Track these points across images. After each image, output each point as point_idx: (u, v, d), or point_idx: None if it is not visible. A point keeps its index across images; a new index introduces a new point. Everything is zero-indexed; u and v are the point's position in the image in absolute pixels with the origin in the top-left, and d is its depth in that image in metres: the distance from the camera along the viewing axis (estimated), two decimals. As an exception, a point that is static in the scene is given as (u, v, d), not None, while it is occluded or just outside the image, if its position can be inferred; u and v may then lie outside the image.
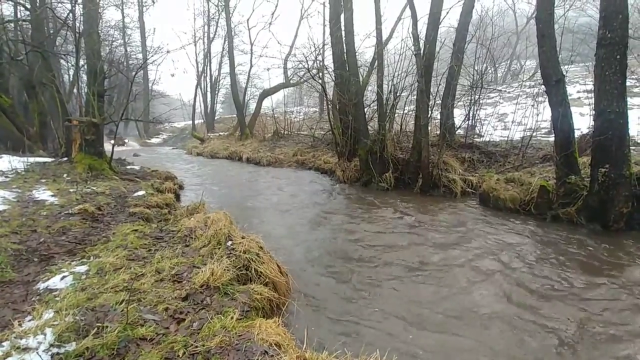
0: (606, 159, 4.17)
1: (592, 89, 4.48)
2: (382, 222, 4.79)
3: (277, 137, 14.40)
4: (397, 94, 8.38)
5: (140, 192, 5.17)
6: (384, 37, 9.42)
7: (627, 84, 4.57)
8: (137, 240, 3.06)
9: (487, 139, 8.24)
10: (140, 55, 22.20)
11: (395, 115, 9.14)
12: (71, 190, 4.84)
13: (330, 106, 10.27)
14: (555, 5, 5.29)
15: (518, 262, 3.41)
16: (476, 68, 9.06)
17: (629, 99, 6.11)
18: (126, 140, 15.60)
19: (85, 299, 2.03)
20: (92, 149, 6.90)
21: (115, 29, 19.30)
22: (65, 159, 7.31)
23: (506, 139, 7.90)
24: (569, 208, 4.46)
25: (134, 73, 9.01)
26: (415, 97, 7.36)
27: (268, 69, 18.91)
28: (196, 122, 23.51)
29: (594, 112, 4.43)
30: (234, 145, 15.04)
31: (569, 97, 5.29)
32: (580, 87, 11.43)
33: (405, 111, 8.95)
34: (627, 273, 3.10)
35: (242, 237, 2.81)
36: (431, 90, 7.59)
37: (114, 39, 17.36)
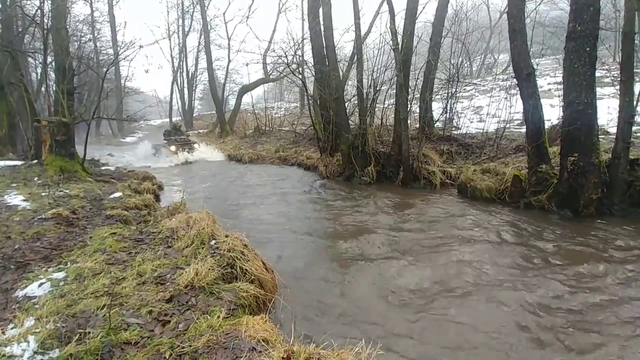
0: (575, 148, 4.40)
1: (562, 81, 4.70)
2: (365, 215, 4.87)
3: (259, 134, 14.25)
4: (377, 88, 8.47)
5: (117, 194, 5.00)
6: (363, 32, 9.51)
7: (598, 74, 4.81)
8: (116, 243, 2.98)
9: (464, 131, 8.50)
10: (110, 51, 21.23)
11: (376, 109, 9.24)
12: (43, 194, 4.63)
13: (311, 101, 10.25)
14: (526, 0, 5.49)
15: (489, 245, 3.62)
16: (452, 62, 9.28)
17: (599, 89, 6.45)
18: (196, 146, 12.56)
19: (65, 306, 1.97)
20: (63, 150, 6.59)
21: (84, 24, 18.34)
22: (36, 161, 6.95)
23: (482, 131, 8.18)
24: (540, 196, 4.69)
25: (105, 69, 8.65)
26: (394, 91, 7.47)
27: (247, 64, 18.63)
28: (174, 119, 22.84)
29: (563, 104, 4.66)
30: (214, 142, 14.77)
31: (540, 89, 5.53)
32: (550, 79, 11.94)
33: (386, 105, 9.07)
34: (588, 255, 3.32)
35: (226, 236, 2.79)
36: (410, 84, 7.72)
37: (82, 34, 16.50)
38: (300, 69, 10.77)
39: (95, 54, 19.57)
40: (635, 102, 4.61)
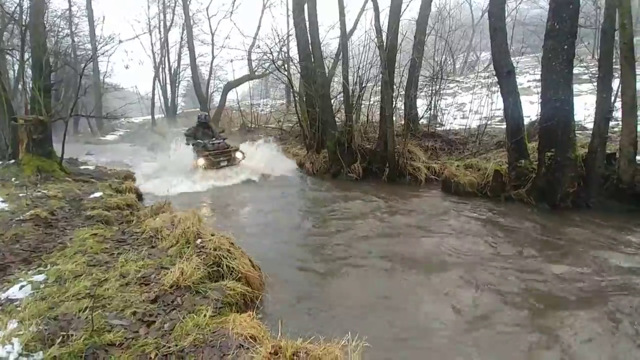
0: (552, 144, 4.56)
1: (540, 78, 4.85)
2: (351, 211, 4.91)
3: (245, 131, 14.09)
4: (363, 85, 8.52)
5: (97, 194, 4.87)
6: (348, 29, 9.52)
7: (576, 71, 4.97)
8: (97, 244, 2.91)
9: (448, 128, 8.66)
10: (89, 46, 20.47)
11: (362, 106, 9.29)
12: (21, 194, 4.46)
13: (297, 98, 10.22)
14: (507, -1, 5.63)
15: (469, 236, 3.83)
16: (436, 60, 9.43)
17: (577, 85, 6.63)
18: (239, 155, 7.75)
19: (47, 308, 1.94)
20: (41, 150, 6.36)
21: (62, 19, 17.60)
22: (13, 161, 6.68)
23: (464, 127, 8.35)
24: (520, 190, 4.85)
25: (82, 65, 8.36)
26: (380, 88, 7.53)
27: (231, 61, 18.29)
28: (156, 116, 22.25)
29: (541, 101, 4.82)
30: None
31: (520, 87, 5.69)
32: (530, 76, 12.29)
33: (371, 102, 9.14)
34: (561, 243, 3.53)
35: (212, 235, 2.77)
36: (395, 81, 7.80)
37: (60, 29, 15.84)
38: (286, 65, 10.71)
39: (73, 50, 18.84)
40: (612, 98, 4.79)
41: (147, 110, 24.07)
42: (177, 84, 22.33)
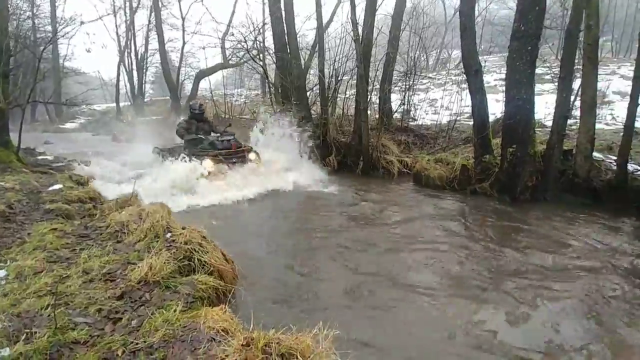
0: (514, 140, 4.84)
1: (505, 77, 5.10)
2: (324, 204, 4.97)
3: (218, 122, 13.70)
4: (339, 78, 8.54)
5: (57, 186, 4.57)
6: (325, 21, 9.45)
7: (539, 71, 5.24)
8: (58, 239, 2.76)
9: (420, 123, 8.91)
10: (49, 28, 18.88)
11: (338, 99, 9.32)
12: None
13: (272, 89, 10.06)
14: (477, -1, 5.84)
15: (432, 223, 4.14)
16: (410, 55, 9.61)
17: (539, 85, 6.98)
18: (252, 156, 6.07)
19: (9, 305, 1.86)
20: (-4, 139, 5.85)
21: (24, 1, 16.07)
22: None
23: (436, 122, 8.63)
24: (484, 183, 5.13)
25: (42, 48, 7.72)
26: (355, 81, 7.59)
27: (204, 48, 17.41)
28: (121, 104, 21.02)
29: (505, 99, 5.08)
30: (170, 129, 13.96)
31: (487, 85, 5.95)
32: (497, 75, 12.83)
33: (347, 95, 9.19)
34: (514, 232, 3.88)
35: (183, 228, 2.71)
36: (370, 75, 7.89)
37: (22, 12, 14.44)
38: (261, 55, 10.49)
39: (33, 32, 17.30)
40: (573, 98, 5.12)
41: (111, 97, 22.67)
42: (144, 70, 21.15)
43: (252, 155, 6.02)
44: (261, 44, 9.76)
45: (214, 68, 16.73)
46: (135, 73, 20.73)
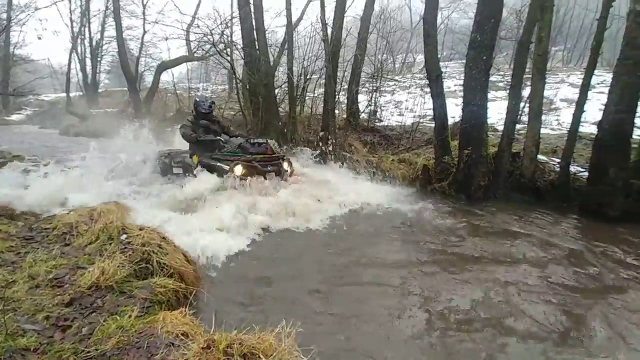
0: (469, 143, 5.17)
1: (463, 84, 5.42)
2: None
3: (181, 117, 13.14)
4: (308, 77, 8.55)
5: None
6: (295, 19, 9.38)
7: (494, 79, 5.59)
8: (2, 242, 2.52)
9: (386, 124, 9.18)
10: (4, 16, 17.00)
11: (307, 98, 9.33)
12: None
13: (239, 86, 9.83)
14: (442, 7, 6.13)
15: (389, 218, 4.41)
16: (378, 58, 9.87)
17: (494, 92, 7.43)
18: (286, 167, 4.94)
19: None
20: None
21: None
22: None
23: (400, 124, 8.95)
24: (443, 182, 5.42)
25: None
26: (324, 81, 7.65)
27: (166, 39, 16.54)
28: (72, 94, 19.38)
29: (462, 104, 5.40)
30: (127, 124, 13.15)
31: (447, 90, 6.28)
32: (457, 81, 13.53)
33: (316, 94, 9.23)
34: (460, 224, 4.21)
35: (140, 229, 2.58)
36: (338, 75, 7.99)
37: None
38: (229, 50, 10.19)
39: None
40: (522, 104, 5.55)
41: (62, 87, 20.84)
42: (99, 59, 19.69)
43: (285, 164, 4.90)
44: (229, 39, 9.47)
45: (177, 60, 15.95)
46: (88, 61, 19.24)
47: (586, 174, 4.91)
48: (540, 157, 5.35)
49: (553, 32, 7.66)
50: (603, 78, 9.43)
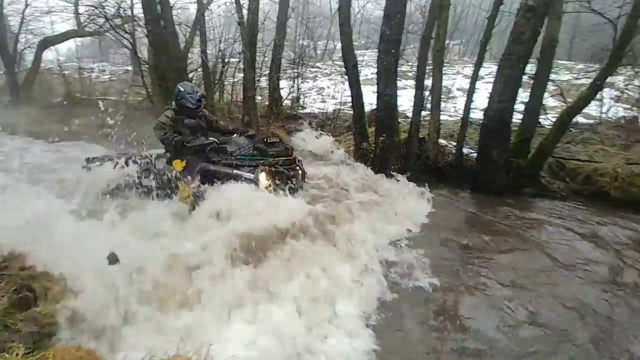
0: (384, 130, 5.55)
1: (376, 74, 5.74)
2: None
3: (72, 103, 11.09)
4: (226, 61, 8.04)
5: None
6: (206, -5, 8.60)
7: (405, 69, 5.97)
8: None
9: (309, 111, 9.27)
10: None
11: (226, 83, 8.81)
12: None
13: (145, 68, 8.73)
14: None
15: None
16: (300, 43, 9.78)
17: (405, 81, 8.03)
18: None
19: None
20: None
21: None
22: None
23: (323, 111, 9.13)
24: (362, 168, 5.75)
25: None
26: (243, 66, 7.28)
27: (49, 12, 13.55)
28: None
29: (376, 93, 5.74)
30: (2, 113, 10.68)
31: (365, 78, 6.59)
32: (373, 70, 14.28)
33: (236, 80, 8.76)
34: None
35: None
36: (258, 61, 7.69)
37: None
38: (128, 25, 8.89)
39: None
40: (427, 94, 6.09)
41: None
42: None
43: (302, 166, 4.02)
44: (126, 13, 8.23)
45: (64, 35, 13.29)
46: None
47: (475, 155, 5.73)
48: (441, 141, 6.06)
49: (451, 28, 8.59)
50: (491, 70, 11.02)
